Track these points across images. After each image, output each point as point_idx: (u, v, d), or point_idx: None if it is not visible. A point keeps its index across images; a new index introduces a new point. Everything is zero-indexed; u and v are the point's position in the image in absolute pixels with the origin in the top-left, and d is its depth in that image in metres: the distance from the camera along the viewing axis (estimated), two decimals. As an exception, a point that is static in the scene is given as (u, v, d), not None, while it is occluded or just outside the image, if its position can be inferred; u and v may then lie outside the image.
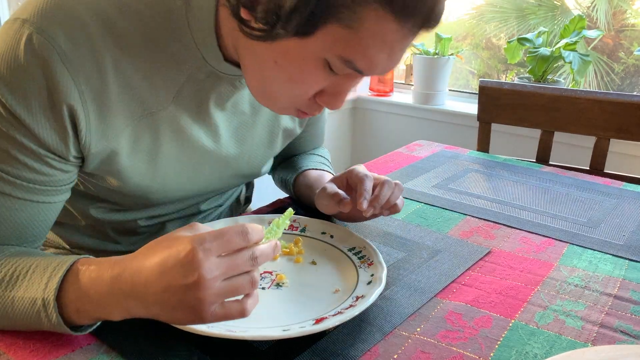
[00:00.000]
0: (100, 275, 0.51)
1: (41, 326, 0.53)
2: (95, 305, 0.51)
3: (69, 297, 0.52)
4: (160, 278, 0.47)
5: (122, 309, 0.50)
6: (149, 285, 0.48)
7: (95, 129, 0.59)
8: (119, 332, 0.56)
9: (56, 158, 0.59)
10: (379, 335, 0.57)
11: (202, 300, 0.46)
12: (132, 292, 0.49)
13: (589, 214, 0.91)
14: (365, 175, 0.72)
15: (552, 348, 0.56)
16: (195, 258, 0.45)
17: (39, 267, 0.54)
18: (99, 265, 0.52)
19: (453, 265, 0.72)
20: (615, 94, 1.26)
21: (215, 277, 0.46)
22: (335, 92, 0.60)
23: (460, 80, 2.75)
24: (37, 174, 0.58)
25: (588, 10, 2.36)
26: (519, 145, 2.20)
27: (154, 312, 0.49)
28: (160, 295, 0.47)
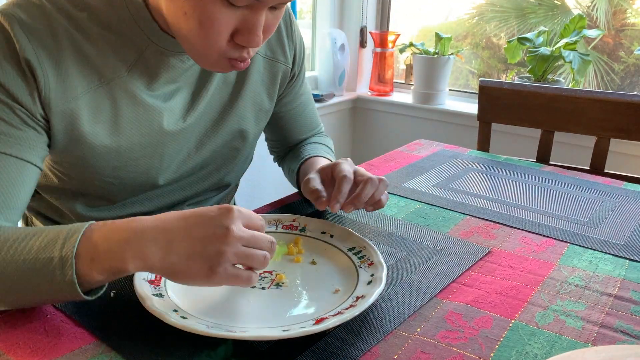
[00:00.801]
0: (120, 225, 0.55)
1: (51, 285, 0.54)
2: (111, 252, 0.53)
3: (84, 248, 0.54)
4: (188, 223, 0.54)
5: (139, 256, 0.53)
6: (174, 229, 0.54)
7: (54, 87, 0.64)
8: (119, 332, 0.56)
9: (24, 111, 0.63)
10: (379, 335, 0.57)
11: (222, 254, 0.52)
12: (155, 237, 0.53)
13: (589, 214, 0.91)
14: (344, 177, 0.75)
15: (552, 348, 0.56)
16: (230, 215, 0.54)
17: (51, 232, 0.56)
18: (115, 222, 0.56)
19: (453, 265, 0.72)
20: (616, 94, 1.26)
21: (240, 238, 0.53)
22: (248, 27, 0.63)
23: (460, 80, 2.75)
24: (7, 125, 0.61)
25: (588, 9, 2.35)
26: (519, 145, 2.20)
27: (171, 260, 0.53)
28: (183, 241, 0.53)
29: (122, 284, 0.64)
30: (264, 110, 0.88)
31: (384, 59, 2.56)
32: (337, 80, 2.54)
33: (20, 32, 0.61)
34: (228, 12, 0.61)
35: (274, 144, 1.03)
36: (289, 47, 0.88)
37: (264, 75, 0.86)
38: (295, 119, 0.97)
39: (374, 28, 2.71)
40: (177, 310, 0.57)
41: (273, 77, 0.87)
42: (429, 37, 2.74)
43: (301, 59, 0.92)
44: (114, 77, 0.69)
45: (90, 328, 0.56)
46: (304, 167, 0.92)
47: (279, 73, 0.87)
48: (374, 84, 2.65)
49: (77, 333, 0.56)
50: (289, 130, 0.98)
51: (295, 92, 0.94)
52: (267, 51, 0.85)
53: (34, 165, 0.65)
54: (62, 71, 0.64)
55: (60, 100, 0.65)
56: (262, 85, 0.86)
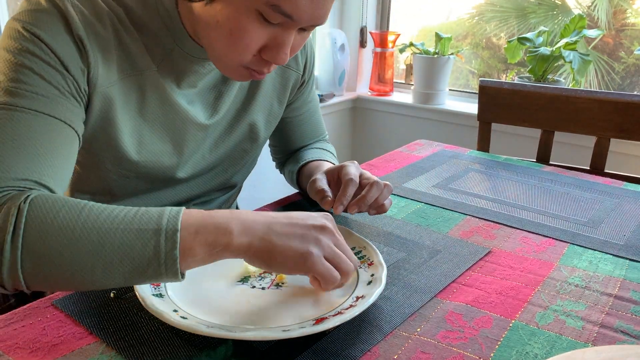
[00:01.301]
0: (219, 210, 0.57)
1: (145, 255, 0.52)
2: (217, 225, 0.54)
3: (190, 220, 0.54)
4: (290, 215, 0.59)
5: (244, 230, 0.55)
6: (277, 217, 0.58)
7: (100, 68, 0.65)
8: (119, 332, 0.56)
9: (73, 82, 0.63)
10: (379, 335, 0.57)
11: (319, 240, 0.57)
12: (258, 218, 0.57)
13: (589, 214, 0.91)
14: (350, 179, 0.77)
15: (552, 348, 0.56)
16: (325, 216, 0.61)
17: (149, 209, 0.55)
18: None
19: (453, 265, 0.72)
20: (616, 94, 1.26)
21: (336, 238, 0.59)
22: (277, 44, 0.65)
23: (460, 80, 2.75)
24: (56, 90, 0.61)
25: (588, 9, 2.35)
26: (519, 145, 2.20)
27: (272, 238, 0.56)
28: (286, 225, 0.57)
29: (122, 284, 0.64)
30: (273, 115, 0.90)
31: (384, 59, 2.56)
32: (337, 80, 2.54)
33: (72, 11, 0.63)
34: (260, 28, 0.63)
35: (277, 149, 1.04)
36: (301, 54, 0.90)
37: (276, 81, 0.88)
38: (301, 126, 0.98)
39: (374, 28, 2.71)
40: (177, 310, 0.57)
41: (284, 84, 0.89)
42: (429, 37, 2.74)
43: (311, 67, 0.93)
44: (145, 70, 0.71)
45: (90, 328, 0.56)
46: (307, 169, 0.93)
47: (291, 80, 0.89)
48: (374, 84, 2.65)
49: (77, 333, 0.56)
50: (293, 136, 0.99)
51: (303, 99, 0.95)
52: None
53: (76, 133, 0.64)
54: (107, 55, 0.66)
55: (103, 82, 0.66)
56: (274, 90, 0.88)
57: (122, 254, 0.52)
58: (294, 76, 0.89)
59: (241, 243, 0.54)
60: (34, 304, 0.60)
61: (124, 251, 0.52)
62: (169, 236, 0.52)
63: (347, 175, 0.77)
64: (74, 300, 0.61)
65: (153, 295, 0.58)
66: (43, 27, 0.61)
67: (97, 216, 0.53)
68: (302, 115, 0.97)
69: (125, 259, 0.52)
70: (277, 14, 0.61)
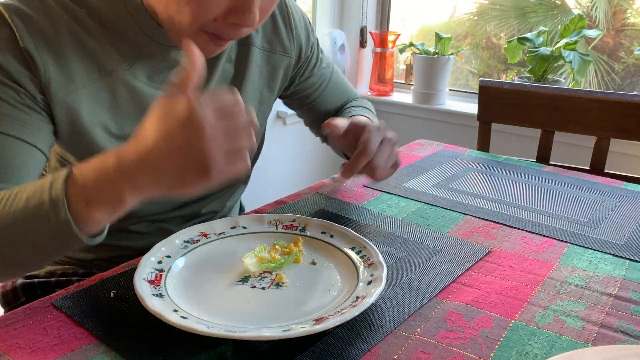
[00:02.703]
0: (103, 163, 0.52)
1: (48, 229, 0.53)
2: (104, 191, 0.52)
3: (74, 190, 0.52)
4: (163, 139, 0.49)
5: (133, 188, 0.51)
6: (154, 151, 0.50)
7: (54, 77, 0.64)
8: (119, 332, 0.56)
9: (27, 95, 0.63)
10: (379, 335, 0.57)
11: (206, 151, 0.49)
12: (139, 165, 0.50)
13: (589, 214, 0.91)
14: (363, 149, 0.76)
15: (552, 348, 0.56)
16: (190, 105, 0.49)
17: (37, 182, 0.55)
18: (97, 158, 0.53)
19: (453, 265, 0.72)
20: (616, 94, 1.26)
21: (214, 127, 0.49)
22: (243, 3, 0.60)
23: (460, 80, 2.75)
24: (10, 107, 0.61)
25: (588, 9, 2.35)
26: (519, 145, 2.20)
27: (165, 183, 0.51)
28: (167, 159, 0.50)
29: (122, 284, 0.64)
30: (264, 103, 0.87)
31: (384, 59, 2.56)
32: (337, 80, 2.54)
33: (19, 22, 0.62)
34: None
35: (312, 123, 1.02)
36: (288, 37, 0.87)
37: (263, 67, 0.85)
38: (326, 96, 0.97)
39: (374, 28, 2.71)
40: (177, 310, 0.57)
41: (273, 70, 0.86)
42: (429, 37, 2.74)
43: (309, 43, 0.90)
44: (115, 70, 0.69)
45: (90, 328, 0.56)
46: None
47: (280, 65, 0.86)
48: (374, 84, 2.65)
49: (77, 333, 0.56)
50: (323, 107, 0.98)
51: (315, 72, 0.93)
52: (264, 43, 0.84)
53: (37, 149, 0.64)
54: (62, 62, 0.64)
55: (61, 90, 0.65)
56: (261, 78, 0.85)
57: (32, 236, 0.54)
58: (284, 61, 0.86)
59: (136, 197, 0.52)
60: (34, 304, 0.60)
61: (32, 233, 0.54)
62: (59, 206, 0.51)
63: (363, 143, 0.76)
64: (74, 300, 0.61)
65: (153, 295, 0.58)
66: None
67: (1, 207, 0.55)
68: (322, 85, 0.95)
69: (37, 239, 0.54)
70: None
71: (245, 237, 0.75)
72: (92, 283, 0.64)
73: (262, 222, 0.78)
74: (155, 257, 0.67)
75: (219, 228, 0.75)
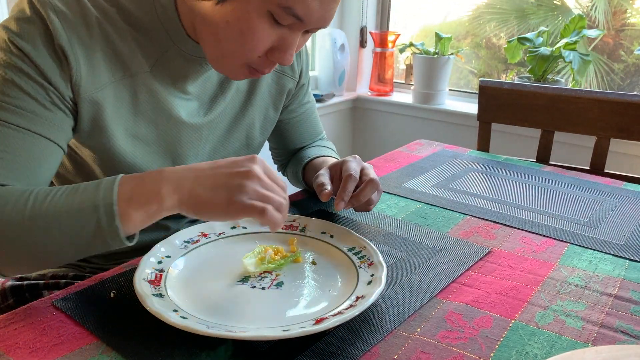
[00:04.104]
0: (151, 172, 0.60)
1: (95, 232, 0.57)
2: (147, 191, 0.58)
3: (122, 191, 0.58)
4: (216, 165, 0.60)
5: (173, 190, 0.58)
6: (202, 169, 0.60)
7: (84, 75, 0.66)
8: (119, 332, 0.56)
9: (56, 93, 0.65)
10: (379, 335, 0.57)
11: (243, 186, 0.58)
12: (185, 175, 0.59)
13: (589, 214, 0.91)
14: (349, 175, 0.78)
15: (552, 348, 0.56)
16: (253, 160, 0.61)
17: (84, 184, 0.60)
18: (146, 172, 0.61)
19: (453, 265, 0.72)
20: (616, 94, 1.26)
21: (260, 179, 0.60)
22: (284, 45, 0.66)
23: (460, 80, 2.75)
24: (38, 104, 0.64)
25: (588, 9, 2.35)
26: (519, 145, 2.20)
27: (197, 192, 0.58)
28: (211, 177, 0.59)
29: (122, 284, 0.64)
30: (269, 121, 0.90)
31: (384, 59, 2.56)
32: (337, 80, 2.54)
33: (55, 19, 0.63)
34: (270, 29, 0.64)
35: (277, 152, 1.04)
36: (297, 61, 0.91)
37: (272, 87, 0.88)
38: (299, 126, 0.99)
39: (374, 28, 2.71)
40: (177, 310, 0.57)
41: (280, 90, 0.89)
42: (429, 37, 2.74)
43: (307, 71, 0.94)
44: (138, 72, 0.71)
45: (90, 328, 0.56)
46: (311, 166, 0.94)
47: (287, 86, 0.90)
48: (374, 84, 2.65)
49: (77, 333, 0.56)
50: (293, 137, 1.00)
51: (299, 100, 0.96)
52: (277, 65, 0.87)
53: (59, 146, 0.67)
54: (92, 60, 0.66)
55: (89, 88, 0.67)
56: (270, 96, 0.88)
57: (70, 235, 0.58)
58: (289, 83, 0.90)
59: (172, 202, 0.58)
60: (34, 304, 0.60)
61: (71, 232, 0.58)
62: (107, 210, 0.57)
63: (348, 171, 0.78)
64: (74, 300, 0.61)
65: (153, 295, 0.58)
66: (26, 38, 0.63)
67: (41, 204, 0.58)
68: (300, 116, 0.98)
69: (74, 238, 0.58)
70: (288, 16, 0.62)
71: (245, 238, 0.75)
72: (92, 283, 0.64)
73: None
74: (155, 258, 0.67)
75: (219, 228, 0.75)
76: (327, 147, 1.02)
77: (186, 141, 0.78)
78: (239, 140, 0.86)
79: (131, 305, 0.60)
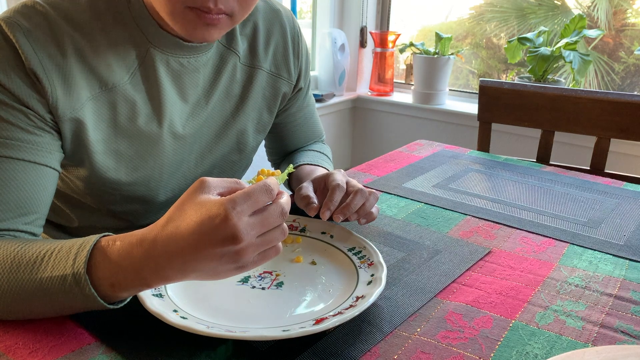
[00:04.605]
0: (130, 252, 0.52)
1: (74, 303, 0.54)
2: (130, 278, 0.52)
3: (101, 273, 0.53)
4: (197, 247, 0.49)
5: (160, 278, 0.52)
6: (186, 255, 0.50)
7: (61, 96, 0.64)
8: (119, 332, 0.56)
9: (37, 116, 0.63)
10: (379, 335, 0.57)
11: (242, 256, 0.50)
12: (169, 263, 0.50)
13: (589, 214, 0.91)
14: (337, 185, 0.75)
15: (552, 348, 0.56)
16: (231, 223, 0.48)
17: (62, 248, 0.55)
18: (124, 241, 0.53)
19: (453, 265, 0.72)
20: (616, 94, 1.26)
21: (251, 237, 0.50)
22: None
23: (460, 80, 2.75)
24: (22, 131, 0.62)
25: (588, 9, 2.35)
26: (519, 145, 2.20)
27: (193, 277, 0.52)
28: (199, 263, 0.50)
29: (122, 284, 0.64)
30: (262, 124, 0.88)
31: (384, 59, 2.56)
32: (337, 80, 2.54)
33: (25, 43, 0.61)
34: None
35: (272, 151, 1.03)
36: (295, 64, 0.89)
37: (266, 90, 0.86)
38: (297, 130, 0.98)
39: (374, 28, 2.71)
40: (177, 310, 0.57)
41: (275, 93, 0.88)
42: (429, 37, 2.74)
43: (306, 73, 0.92)
44: (116, 84, 0.69)
45: (90, 328, 0.56)
46: (297, 172, 0.92)
47: (281, 90, 0.88)
48: (374, 84, 2.65)
49: (77, 333, 0.56)
50: (290, 139, 0.99)
51: (299, 104, 0.94)
52: (272, 67, 0.86)
53: (52, 169, 0.66)
54: (68, 80, 0.65)
55: (68, 108, 0.65)
56: (264, 99, 0.86)
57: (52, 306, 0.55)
58: (285, 86, 0.88)
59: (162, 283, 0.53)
60: None
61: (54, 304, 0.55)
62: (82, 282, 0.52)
63: (334, 182, 0.76)
64: (74, 300, 0.61)
65: (153, 295, 0.58)
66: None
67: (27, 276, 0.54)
68: (299, 120, 0.96)
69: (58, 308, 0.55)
70: None
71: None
72: (92, 283, 0.64)
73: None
74: (155, 257, 0.66)
75: None
76: (321, 153, 1.00)
77: (170, 151, 0.76)
78: (229, 146, 0.84)
79: (131, 306, 0.60)
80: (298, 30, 0.90)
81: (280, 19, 0.86)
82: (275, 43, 0.86)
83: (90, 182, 0.72)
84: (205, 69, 0.77)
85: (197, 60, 0.75)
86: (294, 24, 0.89)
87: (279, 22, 0.86)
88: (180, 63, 0.73)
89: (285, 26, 0.87)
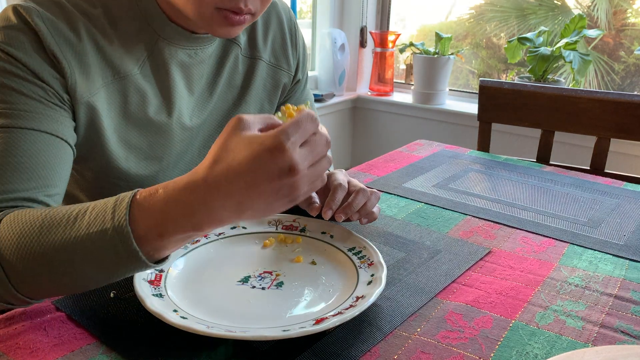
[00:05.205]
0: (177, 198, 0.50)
1: (117, 260, 0.51)
2: (182, 224, 0.50)
3: (145, 224, 0.50)
4: (254, 183, 0.48)
5: (213, 221, 0.50)
6: (243, 193, 0.49)
7: (78, 78, 0.65)
8: (119, 332, 0.56)
9: (52, 90, 0.64)
10: (379, 335, 0.57)
11: (297, 188, 0.50)
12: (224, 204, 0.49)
13: (589, 214, 0.91)
14: (339, 185, 0.75)
15: (552, 348, 0.56)
16: (288, 154, 0.48)
17: (97, 206, 0.53)
18: (167, 188, 0.51)
19: (453, 265, 0.72)
20: (616, 94, 1.26)
21: (305, 167, 0.50)
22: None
23: (460, 80, 2.75)
24: (42, 105, 0.62)
25: (588, 9, 2.35)
26: (519, 145, 2.20)
27: (248, 215, 0.51)
28: (256, 200, 0.49)
29: (122, 284, 0.64)
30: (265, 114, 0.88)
31: (384, 59, 2.56)
32: (337, 80, 2.54)
33: (43, 26, 0.63)
34: None
35: None
36: (293, 55, 0.90)
37: (267, 81, 0.88)
38: None
39: (374, 28, 2.71)
40: (177, 310, 0.57)
41: (275, 84, 0.89)
42: (429, 37, 2.74)
43: (304, 66, 0.93)
44: (127, 74, 0.70)
45: (90, 328, 0.56)
46: None
47: (282, 80, 0.89)
48: (374, 83, 2.65)
49: (77, 333, 0.56)
50: None
51: (297, 97, 0.95)
52: (272, 58, 0.88)
53: (68, 144, 0.65)
54: (85, 64, 0.66)
55: (85, 92, 0.66)
56: (265, 91, 0.88)
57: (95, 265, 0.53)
58: (285, 77, 0.89)
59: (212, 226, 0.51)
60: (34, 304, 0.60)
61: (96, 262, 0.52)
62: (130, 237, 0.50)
63: (336, 181, 0.76)
64: (74, 300, 0.61)
65: (153, 295, 0.58)
66: (16, 44, 0.62)
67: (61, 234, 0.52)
68: None
69: (101, 267, 0.53)
70: None
71: (245, 237, 0.75)
72: (92, 283, 0.64)
73: (262, 222, 0.78)
74: (155, 257, 0.66)
75: (218, 228, 0.75)
76: None
77: (177, 142, 0.77)
78: None
79: (131, 305, 0.60)
80: (294, 21, 0.91)
81: (277, 10, 0.88)
82: (273, 34, 0.87)
83: (99, 172, 0.73)
84: (210, 60, 0.79)
85: (204, 51, 0.77)
86: (290, 15, 0.90)
87: (276, 13, 0.88)
88: (188, 55, 0.75)
89: (282, 17, 0.88)
